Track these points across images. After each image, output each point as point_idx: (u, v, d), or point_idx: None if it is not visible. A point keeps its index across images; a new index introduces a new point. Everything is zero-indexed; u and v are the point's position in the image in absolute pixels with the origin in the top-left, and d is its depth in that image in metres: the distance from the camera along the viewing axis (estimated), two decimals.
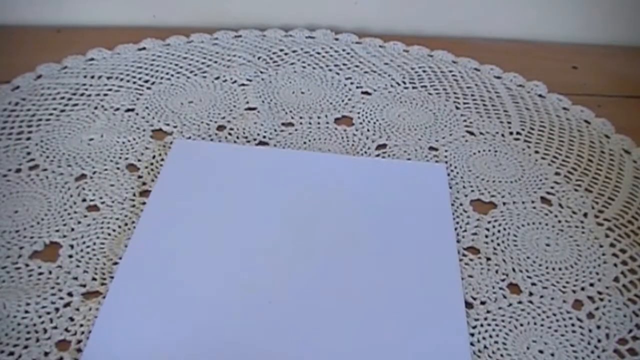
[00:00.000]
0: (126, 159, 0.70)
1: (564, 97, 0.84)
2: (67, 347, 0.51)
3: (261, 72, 0.86)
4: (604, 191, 0.69)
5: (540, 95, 0.84)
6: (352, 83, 0.85)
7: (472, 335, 0.54)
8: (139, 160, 0.70)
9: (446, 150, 0.74)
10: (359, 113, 0.79)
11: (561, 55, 0.94)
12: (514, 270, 0.60)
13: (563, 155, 0.74)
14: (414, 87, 0.85)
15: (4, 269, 0.57)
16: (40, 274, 0.57)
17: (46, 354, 0.50)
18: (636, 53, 0.95)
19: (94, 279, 0.56)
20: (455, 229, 0.63)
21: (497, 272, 0.59)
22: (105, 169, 0.68)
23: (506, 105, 0.82)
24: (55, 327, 0.52)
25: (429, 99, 0.83)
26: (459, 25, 0.98)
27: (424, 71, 0.88)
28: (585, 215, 0.66)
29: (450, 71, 0.88)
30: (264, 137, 0.74)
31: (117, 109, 0.78)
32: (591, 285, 0.59)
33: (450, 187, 0.68)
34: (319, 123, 0.77)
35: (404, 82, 0.85)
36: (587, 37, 0.97)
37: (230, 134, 0.75)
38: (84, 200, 0.65)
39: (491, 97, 0.84)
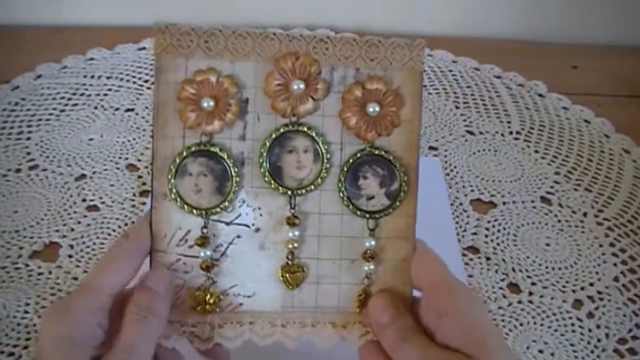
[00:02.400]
0: (126, 158, 0.70)
1: (563, 97, 0.84)
2: None
3: None
4: (603, 190, 0.69)
5: (540, 95, 0.84)
6: None
7: None
8: (139, 160, 0.70)
9: (446, 150, 0.74)
10: None
11: (561, 55, 0.94)
12: (513, 269, 0.60)
13: (563, 154, 0.74)
14: None
15: (4, 269, 0.57)
16: (40, 274, 0.57)
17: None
18: (636, 53, 0.95)
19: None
20: (455, 228, 0.63)
21: (497, 271, 0.59)
22: (105, 169, 0.68)
23: (506, 105, 0.82)
24: None
25: (428, 99, 0.83)
26: (459, 25, 0.98)
27: (424, 71, 0.88)
28: (585, 214, 0.66)
29: (450, 71, 0.88)
30: None
31: (117, 109, 0.78)
32: (591, 284, 0.59)
33: (450, 187, 0.68)
34: None
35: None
36: (587, 37, 0.97)
37: None
38: (84, 200, 0.65)
39: (491, 97, 0.84)
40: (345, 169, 0.39)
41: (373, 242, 0.39)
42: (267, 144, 0.38)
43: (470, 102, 0.82)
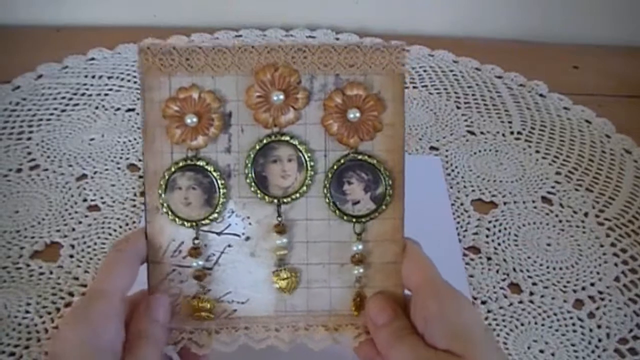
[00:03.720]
0: (127, 158, 0.70)
1: (565, 97, 0.84)
2: None
3: None
4: (604, 191, 0.69)
5: (541, 95, 0.84)
6: None
7: None
8: (140, 160, 0.70)
9: (447, 150, 0.74)
10: None
11: (562, 55, 0.93)
12: (514, 269, 0.59)
13: (564, 154, 0.74)
14: (414, 87, 0.85)
15: (5, 269, 0.57)
16: (41, 274, 0.57)
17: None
18: (637, 53, 0.95)
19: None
20: (456, 228, 0.63)
21: (497, 271, 0.59)
22: (106, 169, 0.68)
23: (507, 105, 0.82)
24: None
25: (429, 99, 0.83)
26: (460, 25, 0.98)
27: (425, 71, 0.88)
28: (586, 214, 0.66)
29: (451, 71, 0.88)
30: None
31: (118, 109, 0.78)
32: (592, 284, 0.59)
33: (451, 187, 0.68)
34: None
35: (405, 82, 0.85)
36: (588, 37, 0.97)
37: None
38: (85, 200, 0.65)
39: (492, 97, 0.83)
40: (330, 175, 0.40)
41: (360, 246, 0.40)
42: (252, 155, 0.39)
43: (471, 102, 0.82)
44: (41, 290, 0.55)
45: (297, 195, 0.40)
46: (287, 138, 0.39)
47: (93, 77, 0.83)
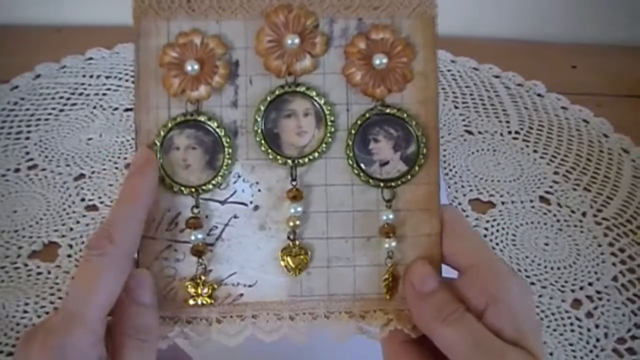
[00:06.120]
0: (125, 158, 0.70)
1: (562, 97, 0.84)
2: None
3: None
4: (602, 190, 0.69)
5: (539, 95, 0.84)
6: None
7: None
8: None
9: (445, 150, 0.74)
10: None
11: (560, 55, 0.93)
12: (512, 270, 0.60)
13: (562, 154, 0.74)
14: None
15: (3, 268, 0.57)
16: (39, 273, 0.57)
17: None
18: (635, 53, 0.95)
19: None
20: None
21: None
22: (104, 169, 0.68)
23: (505, 105, 0.82)
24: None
25: None
26: (458, 25, 0.98)
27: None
28: (584, 214, 0.66)
29: (449, 70, 0.88)
30: None
31: (116, 109, 0.78)
32: (590, 284, 0.59)
33: (449, 187, 0.68)
34: None
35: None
36: (586, 37, 0.97)
37: None
38: (83, 200, 0.65)
39: (490, 97, 0.84)
40: (353, 131, 0.34)
41: (391, 216, 0.34)
42: (262, 109, 0.34)
43: (469, 102, 0.82)
44: (39, 290, 0.55)
45: (315, 155, 0.34)
46: (303, 89, 0.34)
47: (91, 76, 0.83)
